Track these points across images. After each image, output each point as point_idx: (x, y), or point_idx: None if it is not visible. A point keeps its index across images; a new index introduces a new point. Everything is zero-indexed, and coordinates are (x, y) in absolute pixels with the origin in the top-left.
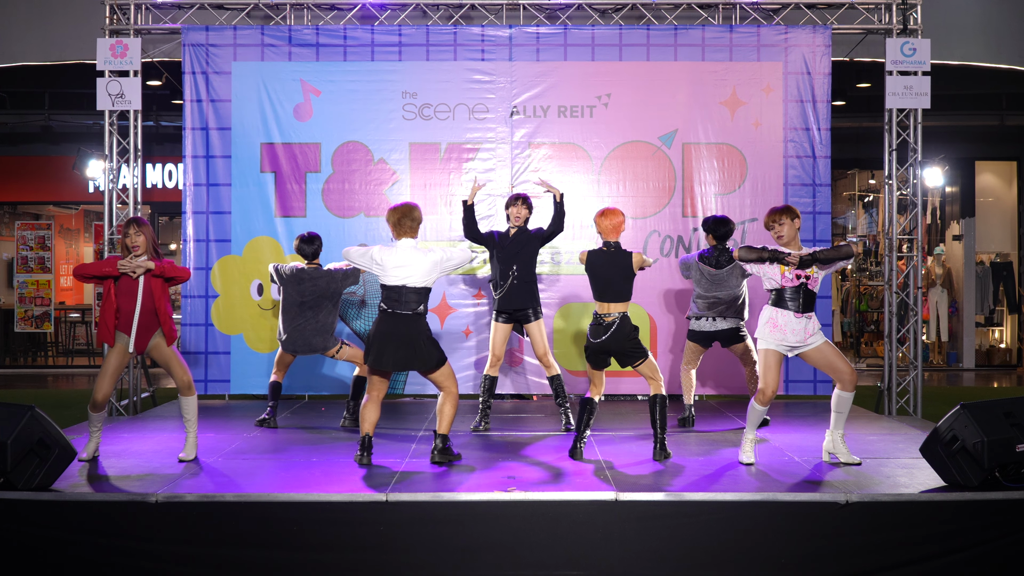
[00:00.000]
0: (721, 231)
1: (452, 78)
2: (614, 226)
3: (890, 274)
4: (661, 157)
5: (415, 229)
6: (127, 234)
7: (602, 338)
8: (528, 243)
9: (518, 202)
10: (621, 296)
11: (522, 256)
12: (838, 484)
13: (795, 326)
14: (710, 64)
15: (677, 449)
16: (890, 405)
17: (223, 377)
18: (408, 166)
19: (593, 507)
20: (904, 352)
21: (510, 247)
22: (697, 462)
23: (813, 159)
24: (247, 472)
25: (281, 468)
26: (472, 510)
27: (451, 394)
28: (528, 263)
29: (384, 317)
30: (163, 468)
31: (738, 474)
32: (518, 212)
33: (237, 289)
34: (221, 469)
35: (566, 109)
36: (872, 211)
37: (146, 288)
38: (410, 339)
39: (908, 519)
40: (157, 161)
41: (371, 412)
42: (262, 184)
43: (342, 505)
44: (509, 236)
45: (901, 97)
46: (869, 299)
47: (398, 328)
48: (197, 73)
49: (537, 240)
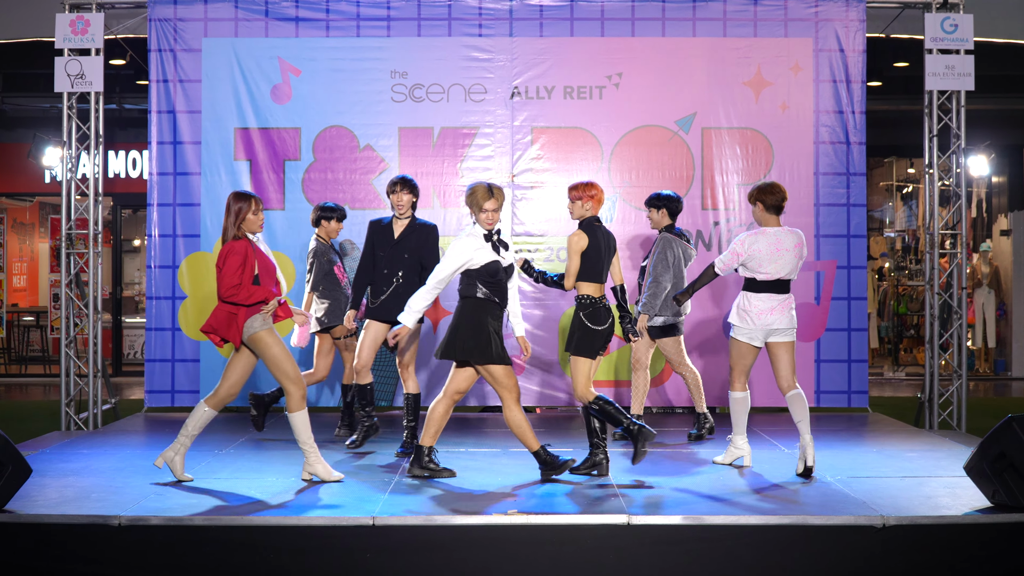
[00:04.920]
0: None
1: (446, 56)
2: (601, 199)
3: (931, 273)
4: (678, 143)
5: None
6: (256, 211)
7: (608, 324)
8: (423, 246)
9: (397, 187)
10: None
11: (411, 261)
12: (874, 506)
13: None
14: (732, 40)
15: (695, 466)
16: (931, 418)
17: (192, 387)
18: (397, 153)
19: (603, 531)
20: (947, 359)
21: (398, 245)
22: (718, 481)
23: (846, 145)
24: (219, 492)
25: (257, 488)
26: (468, 535)
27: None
28: (417, 270)
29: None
30: (127, 488)
31: (764, 495)
32: (399, 200)
33: (207, 290)
34: (190, 489)
35: (572, 90)
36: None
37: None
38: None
39: (950, 543)
40: (120, 148)
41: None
42: (236, 173)
43: (325, 530)
44: (393, 230)
45: (942, 78)
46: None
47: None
48: (164, 51)
49: (433, 246)
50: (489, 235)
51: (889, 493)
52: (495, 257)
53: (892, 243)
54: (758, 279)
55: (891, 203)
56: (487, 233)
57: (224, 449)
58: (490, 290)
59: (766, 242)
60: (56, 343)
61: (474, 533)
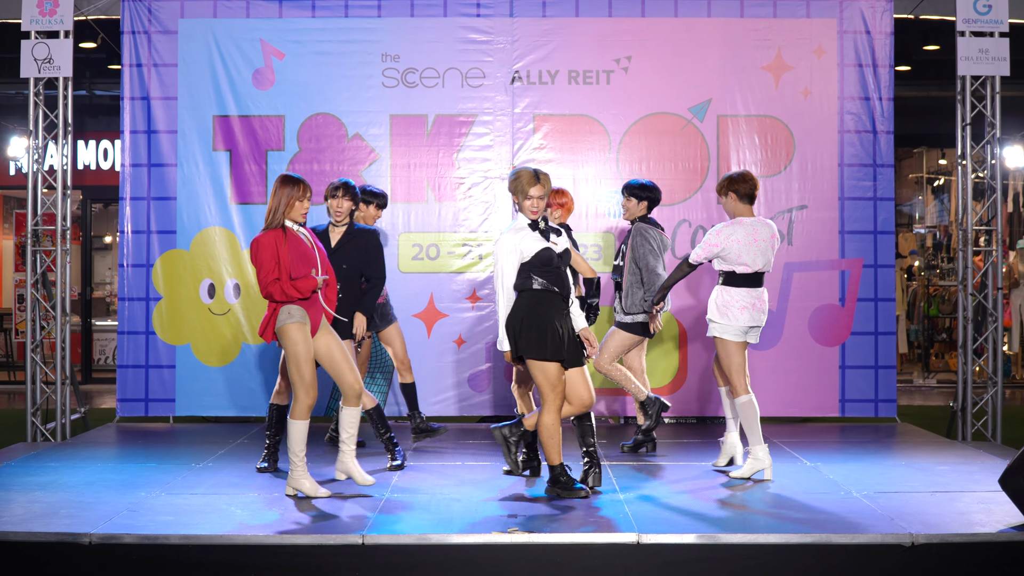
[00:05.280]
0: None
1: (441, 38)
2: (571, 208)
3: (964, 272)
4: (692, 132)
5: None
6: (303, 197)
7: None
8: (363, 255)
9: (339, 192)
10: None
11: (350, 272)
12: (902, 523)
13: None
14: (750, 21)
15: (709, 480)
16: (964, 429)
17: (167, 396)
18: (389, 143)
19: (610, 551)
20: (981, 366)
21: (336, 255)
22: (733, 496)
23: (873, 135)
24: (197, 509)
25: (238, 504)
26: (465, 554)
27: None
28: (358, 281)
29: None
30: (98, 503)
31: (784, 512)
32: (338, 205)
33: (184, 290)
34: (166, 506)
35: (578, 75)
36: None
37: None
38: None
39: (983, 562)
40: (91, 137)
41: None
42: (214, 165)
43: (310, 549)
44: (330, 239)
45: (975, 62)
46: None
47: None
48: (138, 33)
49: (374, 254)
50: (535, 223)
51: (918, 509)
52: (545, 244)
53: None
54: (737, 272)
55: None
56: (533, 221)
57: (201, 462)
58: (547, 279)
59: (743, 233)
60: (21, 348)
61: (471, 552)
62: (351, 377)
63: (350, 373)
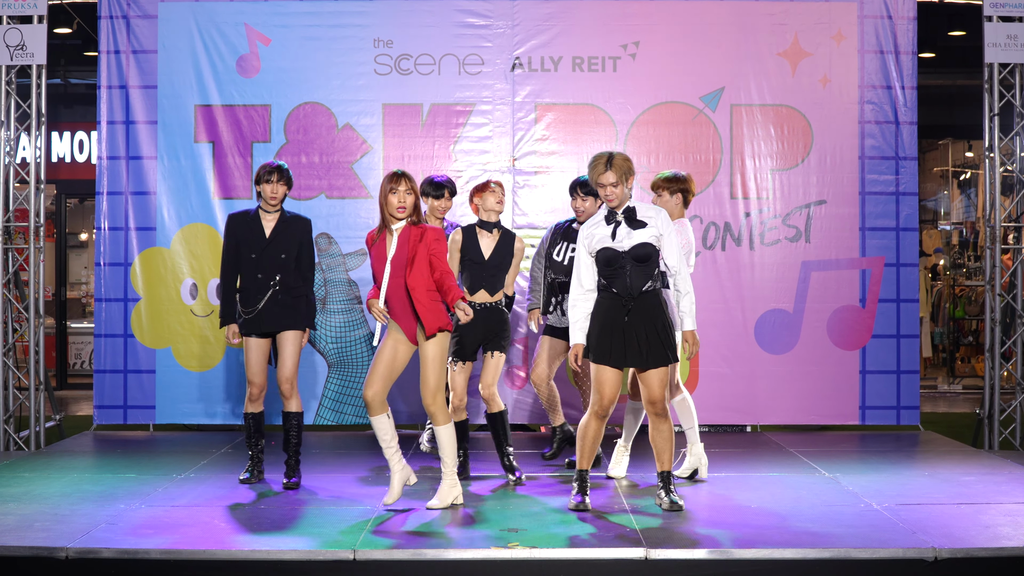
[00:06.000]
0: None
1: (437, 22)
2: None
3: (992, 271)
4: (703, 122)
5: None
6: (395, 190)
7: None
8: (300, 243)
9: (273, 176)
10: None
11: (287, 262)
12: (925, 536)
13: None
14: (766, 4)
15: (717, 488)
16: (991, 437)
17: (147, 403)
18: (381, 134)
19: (617, 567)
20: (1009, 370)
21: (272, 244)
22: (746, 510)
23: (896, 125)
24: (178, 522)
25: (222, 517)
26: (463, 571)
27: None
28: (294, 271)
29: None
30: (75, 516)
31: (800, 525)
32: (274, 191)
33: (164, 291)
34: (146, 518)
35: (582, 61)
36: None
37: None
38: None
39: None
40: (65, 129)
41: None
42: (196, 157)
43: (299, 564)
44: (263, 226)
45: (1003, 49)
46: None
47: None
48: (116, 17)
49: (309, 243)
50: (612, 214)
51: (942, 522)
52: (608, 244)
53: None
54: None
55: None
56: (609, 212)
57: (183, 473)
58: (607, 280)
59: (689, 234)
60: None
61: (469, 569)
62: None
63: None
